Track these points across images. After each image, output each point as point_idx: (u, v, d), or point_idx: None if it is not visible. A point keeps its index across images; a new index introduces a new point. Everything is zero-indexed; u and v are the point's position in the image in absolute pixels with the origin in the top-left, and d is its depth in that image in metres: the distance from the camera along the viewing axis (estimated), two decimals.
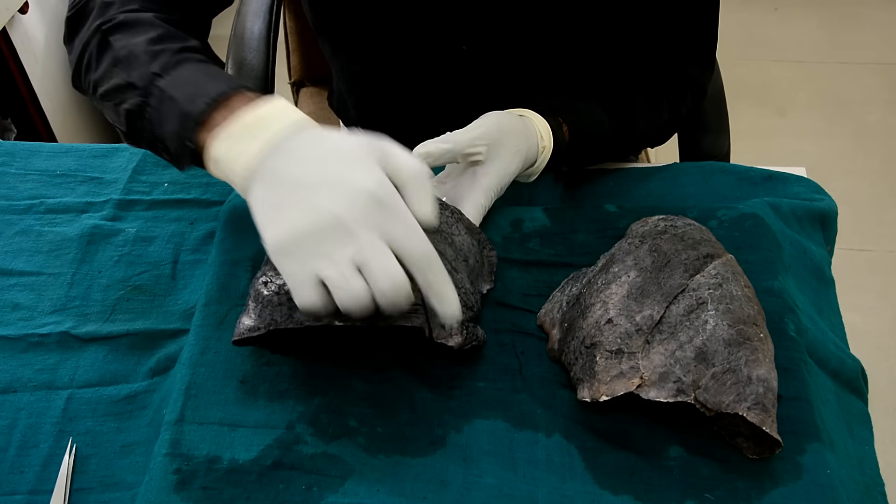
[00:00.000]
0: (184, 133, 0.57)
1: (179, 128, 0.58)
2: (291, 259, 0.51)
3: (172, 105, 0.58)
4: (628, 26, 0.84)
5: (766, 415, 0.54)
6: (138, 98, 0.61)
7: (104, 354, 0.68)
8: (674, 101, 0.86)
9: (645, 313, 0.58)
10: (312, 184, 0.51)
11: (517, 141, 0.71)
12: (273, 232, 0.52)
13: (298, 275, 0.51)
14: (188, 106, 0.57)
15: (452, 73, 0.89)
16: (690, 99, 0.88)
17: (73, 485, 0.60)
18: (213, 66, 0.62)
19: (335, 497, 0.57)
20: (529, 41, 0.85)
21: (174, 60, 0.61)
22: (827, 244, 0.76)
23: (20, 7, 1.47)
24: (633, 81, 0.86)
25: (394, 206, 0.51)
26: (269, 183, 0.53)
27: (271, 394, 0.62)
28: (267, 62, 1.08)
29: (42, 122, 1.57)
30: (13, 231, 0.78)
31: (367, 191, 0.50)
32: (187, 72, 0.60)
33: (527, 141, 0.72)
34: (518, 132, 0.71)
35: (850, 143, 2.10)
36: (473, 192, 0.70)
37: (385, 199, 0.51)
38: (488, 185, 0.70)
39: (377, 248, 0.50)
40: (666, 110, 0.85)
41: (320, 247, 0.50)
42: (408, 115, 0.97)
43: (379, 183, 0.51)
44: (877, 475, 0.61)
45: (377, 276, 0.50)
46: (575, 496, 0.57)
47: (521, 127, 0.72)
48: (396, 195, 0.52)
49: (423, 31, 0.86)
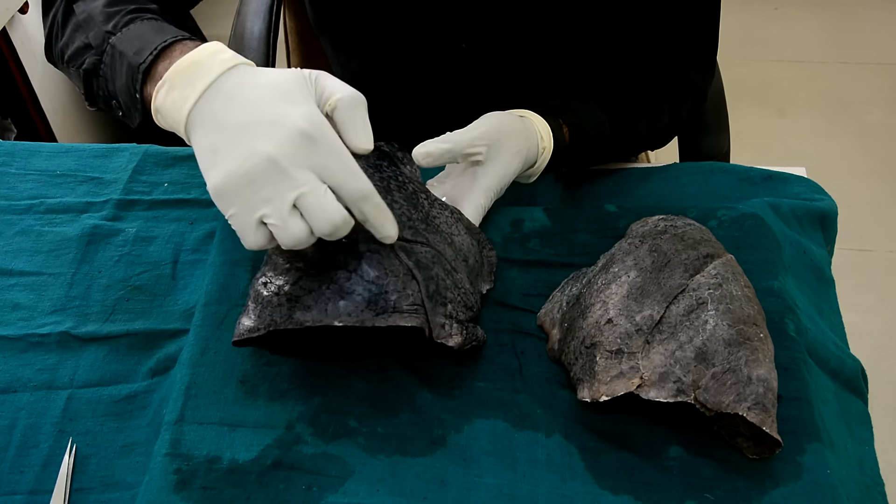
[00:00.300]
0: (132, 86, 0.59)
1: (128, 80, 0.59)
2: (233, 203, 0.52)
3: (122, 60, 0.59)
4: (628, 28, 0.84)
5: (766, 415, 0.54)
6: (94, 57, 0.62)
7: (104, 354, 0.68)
8: (674, 105, 0.86)
9: (645, 313, 0.58)
10: (247, 125, 0.52)
11: (517, 141, 0.71)
12: (213, 177, 0.52)
13: (240, 218, 0.52)
14: (135, 59, 0.58)
15: (452, 71, 0.89)
16: (691, 103, 0.88)
17: (73, 485, 0.60)
18: (165, 24, 0.63)
19: (335, 497, 0.57)
20: (529, 40, 0.85)
21: (127, 19, 0.62)
22: (827, 244, 0.76)
23: (20, 7, 1.47)
24: (633, 84, 0.86)
25: (327, 143, 0.52)
26: (207, 128, 0.54)
27: (271, 394, 0.62)
28: (267, 62, 1.08)
29: (42, 122, 1.57)
30: (13, 231, 0.78)
31: (298, 130, 0.51)
32: (137, 28, 0.61)
33: (527, 142, 0.72)
34: (518, 133, 0.71)
35: (851, 143, 2.10)
36: (473, 192, 0.70)
37: (317, 136, 0.52)
38: (488, 185, 0.70)
39: (313, 188, 0.51)
40: (666, 113, 0.85)
41: (259, 191, 0.51)
42: (407, 114, 0.97)
43: (311, 120, 0.52)
44: (877, 475, 0.61)
45: (314, 216, 0.52)
46: (575, 496, 0.57)
47: (522, 128, 0.72)
48: (329, 131, 0.53)
49: (423, 29, 0.86)
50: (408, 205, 0.64)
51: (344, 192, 0.53)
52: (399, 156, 0.69)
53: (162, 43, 0.58)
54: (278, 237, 0.52)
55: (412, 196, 0.65)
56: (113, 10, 0.64)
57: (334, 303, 0.57)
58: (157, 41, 0.58)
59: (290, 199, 0.51)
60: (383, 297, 0.58)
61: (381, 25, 0.87)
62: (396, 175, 0.66)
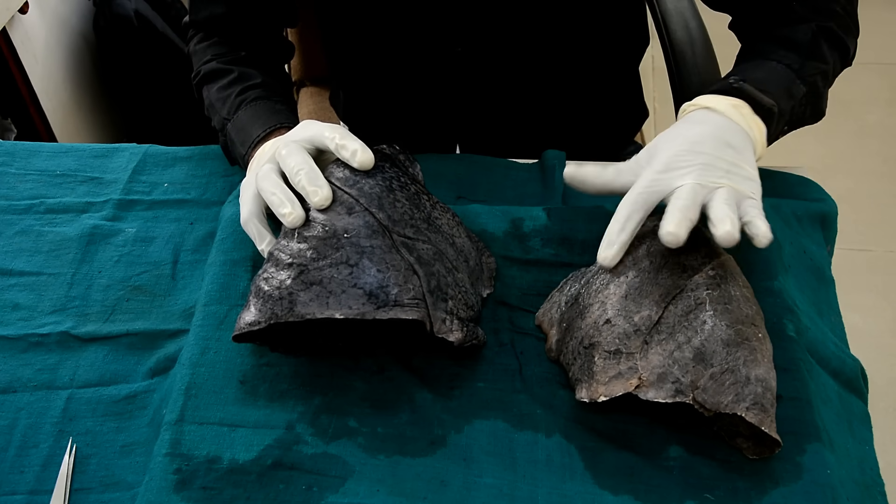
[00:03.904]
0: (243, 162, 0.77)
1: (240, 160, 0.77)
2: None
3: (234, 146, 0.78)
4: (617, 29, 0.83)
5: (765, 415, 0.54)
6: (221, 137, 0.81)
7: (104, 354, 0.68)
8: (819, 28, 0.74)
9: (643, 314, 0.58)
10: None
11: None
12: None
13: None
14: (240, 150, 0.77)
15: (447, 74, 0.89)
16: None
17: (73, 485, 0.60)
18: (262, 105, 0.79)
19: (335, 497, 0.57)
20: (524, 43, 0.85)
21: (237, 103, 0.80)
22: (827, 244, 0.76)
23: (20, 7, 1.47)
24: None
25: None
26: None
27: (271, 394, 0.62)
28: None
29: (42, 122, 1.57)
30: (13, 231, 0.78)
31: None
32: (242, 117, 0.78)
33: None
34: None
35: (851, 143, 2.10)
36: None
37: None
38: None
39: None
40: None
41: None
42: (403, 117, 0.97)
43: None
44: (877, 475, 0.61)
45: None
46: (575, 496, 0.57)
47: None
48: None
49: (419, 33, 0.86)
50: (410, 204, 0.64)
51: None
52: (401, 158, 0.69)
53: (256, 138, 0.75)
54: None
55: (414, 196, 0.66)
56: (224, 94, 0.81)
57: (336, 296, 0.57)
58: (255, 134, 0.75)
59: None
60: (384, 291, 0.58)
61: (377, 29, 0.87)
62: (398, 176, 0.66)
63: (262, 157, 0.71)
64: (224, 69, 0.83)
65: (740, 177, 0.61)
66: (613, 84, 0.97)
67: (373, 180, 0.64)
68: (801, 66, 0.72)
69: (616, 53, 0.94)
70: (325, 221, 0.61)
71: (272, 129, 0.75)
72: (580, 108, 0.96)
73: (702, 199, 0.60)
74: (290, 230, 0.62)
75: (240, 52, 0.85)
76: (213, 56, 0.85)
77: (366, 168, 0.64)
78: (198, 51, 0.87)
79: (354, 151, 0.63)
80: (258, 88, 0.81)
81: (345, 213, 0.61)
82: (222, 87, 0.82)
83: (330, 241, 0.60)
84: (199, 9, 0.86)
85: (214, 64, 0.84)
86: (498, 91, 0.90)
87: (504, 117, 0.94)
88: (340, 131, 0.64)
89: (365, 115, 1.02)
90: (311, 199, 0.61)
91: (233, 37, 0.86)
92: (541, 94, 0.92)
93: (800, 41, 0.73)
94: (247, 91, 0.81)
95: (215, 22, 0.86)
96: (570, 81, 0.91)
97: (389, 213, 0.62)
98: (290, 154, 0.64)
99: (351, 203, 0.62)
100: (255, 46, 0.87)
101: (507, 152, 0.84)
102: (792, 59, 0.72)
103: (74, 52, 1.68)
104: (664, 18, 1.02)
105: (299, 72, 1.31)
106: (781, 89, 0.69)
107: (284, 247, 0.61)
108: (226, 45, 0.86)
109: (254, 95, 0.80)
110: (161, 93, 1.73)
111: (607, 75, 0.95)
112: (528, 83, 0.90)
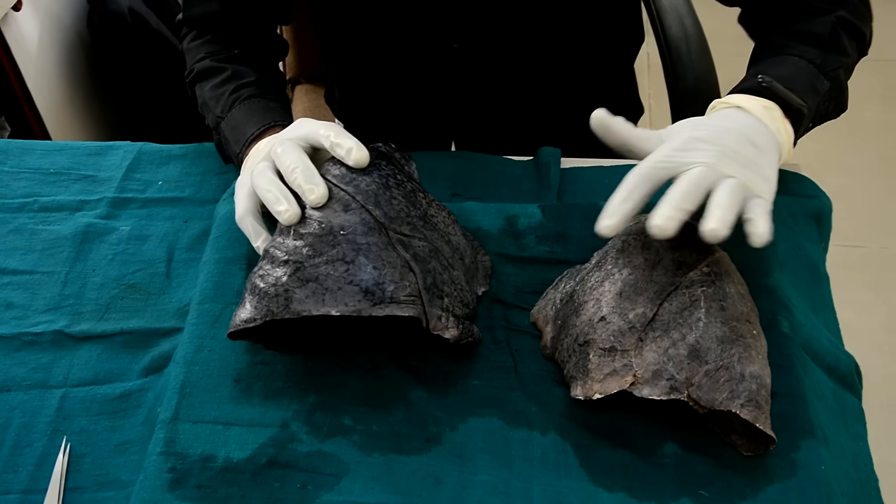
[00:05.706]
0: (237, 161, 0.77)
1: (233, 157, 0.78)
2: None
3: (227, 144, 0.78)
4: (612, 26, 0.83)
5: (760, 411, 0.54)
6: (216, 136, 0.81)
7: (98, 353, 0.68)
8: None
9: (638, 311, 0.58)
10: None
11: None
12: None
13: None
14: (234, 149, 0.77)
15: (444, 71, 0.89)
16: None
17: (68, 484, 0.60)
18: (256, 103, 0.79)
19: (330, 495, 0.57)
20: (521, 40, 0.85)
21: (230, 102, 0.79)
22: (821, 241, 0.76)
23: (13, 4, 1.46)
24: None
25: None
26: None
27: (266, 392, 0.62)
28: None
29: (36, 120, 1.56)
30: (7, 229, 0.78)
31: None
32: (236, 115, 0.78)
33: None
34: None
35: (845, 140, 2.10)
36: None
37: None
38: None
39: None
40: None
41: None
42: (400, 114, 0.97)
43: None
44: (871, 471, 0.61)
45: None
46: (570, 493, 0.57)
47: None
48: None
49: (415, 29, 0.86)
50: (406, 202, 0.64)
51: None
52: (397, 156, 0.69)
53: (251, 136, 0.75)
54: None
55: (410, 194, 0.66)
56: (218, 92, 0.81)
57: (332, 293, 0.57)
58: (248, 132, 0.75)
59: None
60: (380, 288, 0.58)
61: (373, 26, 0.87)
62: (395, 173, 0.66)
63: (256, 155, 0.71)
64: (217, 67, 0.83)
65: (756, 174, 0.60)
66: (608, 80, 0.97)
67: (369, 178, 0.64)
68: (824, 60, 0.70)
69: (611, 50, 0.94)
70: (322, 218, 0.61)
71: (266, 127, 0.75)
72: (575, 105, 0.96)
73: (708, 185, 0.58)
74: (285, 227, 0.62)
75: (233, 50, 0.85)
76: (207, 54, 0.85)
77: (361, 166, 0.63)
78: (191, 48, 0.86)
79: (350, 149, 0.63)
80: (252, 86, 0.81)
81: (341, 211, 0.61)
82: (216, 85, 0.82)
83: (326, 238, 0.60)
84: (192, 6, 0.86)
85: (208, 62, 0.84)
86: (493, 88, 0.90)
87: (499, 114, 0.94)
88: (335, 129, 0.64)
89: (360, 112, 1.02)
90: (307, 197, 0.61)
91: (226, 34, 0.86)
92: (536, 90, 0.92)
93: (820, 35, 0.71)
94: (240, 89, 0.80)
95: (209, 19, 0.86)
96: (565, 78, 0.91)
97: (385, 211, 0.62)
98: (285, 152, 0.64)
99: (347, 200, 0.62)
100: (249, 44, 0.87)
101: (503, 149, 0.84)
102: (814, 53, 0.70)
103: (68, 49, 1.67)
104: (659, 15, 1.02)
105: (294, 69, 1.31)
106: (808, 87, 0.68)
107: (280, 244, 0.61)
108: (219, 42, 0.86)
109: (247, 93, 0.80)
110: (155, 90, 1.72)
111: (602, 72, 0.95)
112: (524, 80, 0.90)
